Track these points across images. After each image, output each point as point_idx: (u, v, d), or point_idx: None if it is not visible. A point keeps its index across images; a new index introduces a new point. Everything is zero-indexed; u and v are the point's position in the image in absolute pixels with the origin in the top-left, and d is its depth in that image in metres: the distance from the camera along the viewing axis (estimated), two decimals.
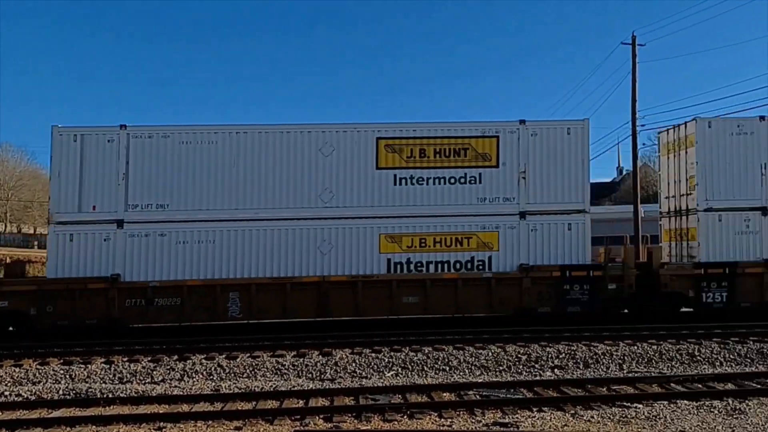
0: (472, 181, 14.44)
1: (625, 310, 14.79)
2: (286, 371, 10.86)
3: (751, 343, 12.04)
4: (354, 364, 11.07)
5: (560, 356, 11.42)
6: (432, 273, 14.21)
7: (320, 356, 11.54)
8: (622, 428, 7.35)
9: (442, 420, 8.00)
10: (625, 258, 14.65)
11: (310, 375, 10.73)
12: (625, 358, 11.28)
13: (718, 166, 14.96)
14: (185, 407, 8.70)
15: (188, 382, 10.44)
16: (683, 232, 15.74)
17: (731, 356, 11.31)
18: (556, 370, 10.94)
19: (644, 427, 7.30)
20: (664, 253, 16.54)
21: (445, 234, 14.34)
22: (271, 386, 9.90)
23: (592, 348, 11.81)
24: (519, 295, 14.12)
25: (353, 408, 8.52)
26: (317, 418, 8.12)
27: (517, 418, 7.93)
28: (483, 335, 13.05)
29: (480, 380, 10.16)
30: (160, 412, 8.45)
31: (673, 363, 11.06)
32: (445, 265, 14.27)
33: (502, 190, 14.48)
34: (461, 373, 10.78)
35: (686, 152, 15.55)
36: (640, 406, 8.34)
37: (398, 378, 10.59)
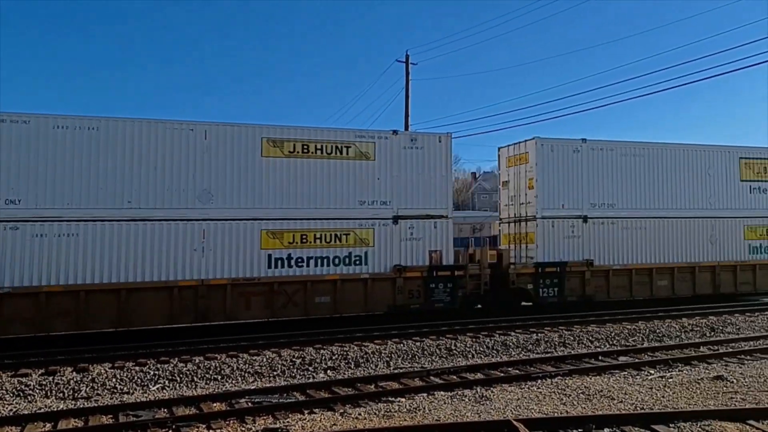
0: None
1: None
2: (31, 392, 9.56)
3: (497, 336, 13.57)
4: (114, 380, 10.14)
5: (333, 357, 11.72)
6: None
7: (74, 373, 10.40)
8: (386, 422, 7.72)
9: (211, 431, 7.70)
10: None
11: (61, 395, 9.58)
12: (392, 355, 11.95)
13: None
14: None
15: None
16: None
17: (481, 349, 12.60)
18: (329, 371, 11.20)
19: (405, 420, 7.76)
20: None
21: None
22: (11, 410, 8.65)
23: (363, 348, 12.33)
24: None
25: (111, 427, 7.79)
26: None
27: (288, 422, 7.92)
28: (258, 341, 12.91)
29: (253, 387, 9.98)
30: None
31: (434, 357, 12.00)
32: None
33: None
34: (234, 382, 10.49)
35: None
36: (403, 399, 8.89)
37: (165, 391, 9.96)
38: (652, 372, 10.46)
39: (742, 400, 8.36)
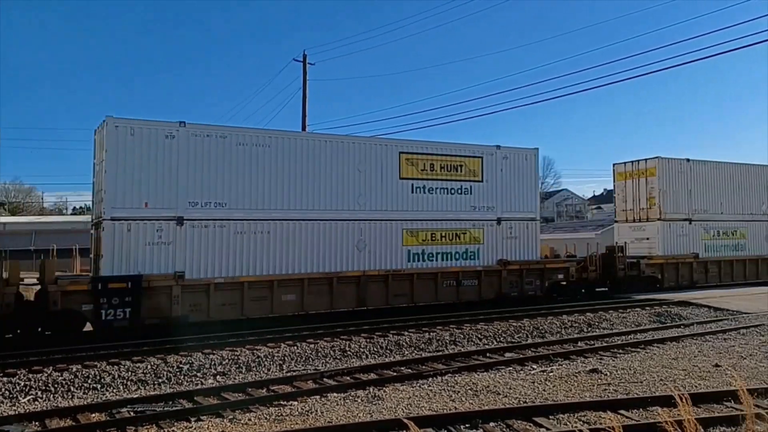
0: None
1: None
2: None
3: (391, 335, 13.74)
4: None
5: (223, 362, 11.38)
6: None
7: None
8: (277, 426, 7.59)
9: None
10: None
11: None
12: (286, 358, 11.78)
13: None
14: None
15: None
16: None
17: (375, 349, 12.70)
18: (218, 376, 10.85)
19: (297, 423, 7.66)
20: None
21: None
22: None
23: (255, 351, 12.06)
24: None
25: None
26: None
27: (173, 430, 7.60)
28: (143, 347, 12.29)
29: (137, 395, 9.48)
30: None
31: (327, 359, 11.95)
32: None
33: None
34: (115, 390, 9.91)
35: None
36: (295, 402, 8.78)
37: (37, 403, 9.23)
38: (535, 367, 11.00)
39: (614, 391, 8.96)
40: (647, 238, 23.12)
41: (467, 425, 7.38)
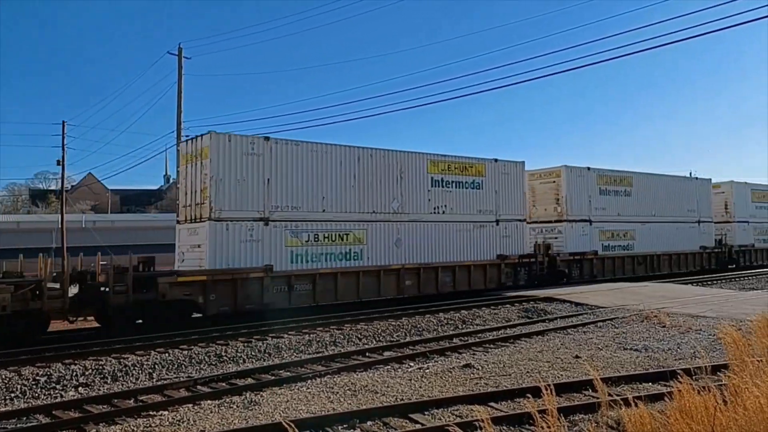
0: None
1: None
2: None
3: (270, 339, 13.49)
4: None
5: (86, 373, 10.61)
6: None
7: None
8: None
9: None
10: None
11: None
12: (156, 366, 11.19)
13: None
14: None
15: None
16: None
17: (253, 353, 12.40)
18: (80, 388, 10.10)
19: None
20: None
21: None
22: None
23: (122, 360, 11.36)
24: None
25: None
26: None
27: None
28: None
29: None
30: None
31: (202, 365, 11.50)
32: None
33: None
34: None
35: (555, 183, 22.89)
36: (166, 412, 8.36)
37: None
38: (412, 364, 11.24)
39: (485, 385, 9.35)
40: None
41: (345, 425, 7.39)
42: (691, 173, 35.40)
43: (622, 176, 28.41)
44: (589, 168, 26.93)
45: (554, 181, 26.22)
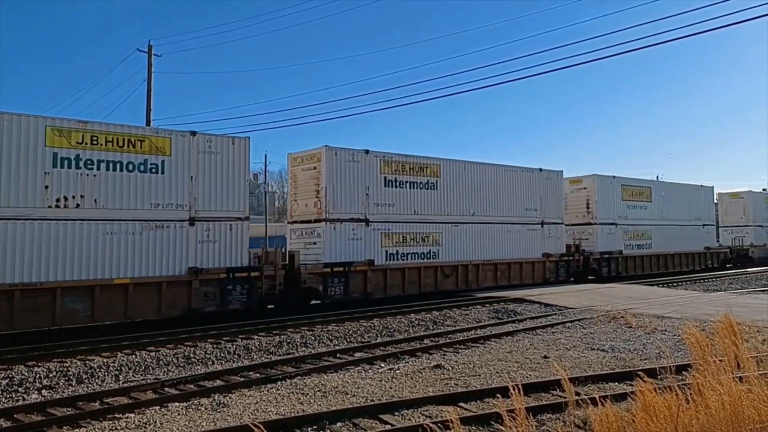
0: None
1: (271, 306, 17.24)
2: None
3: (240, 340, 13.36)
4: None
5: (50, 375, 10.38)
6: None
7: None
8: None
9: None
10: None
11: None
12: (123, 368, 11.00)
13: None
14: None
15: None
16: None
17: (222, 354, 12.27)
18: (44, 391, 9.87)
19: None
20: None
21: None
22: None
23: (87, 362, 11.14)
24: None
25: None
26: None
27: None
28: None
29: None
30: None
31: (170, 367, 11.33)
32: None
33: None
34: None
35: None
36: (132, 415, 8.23)
37: None
38: (383, 365, 11.25)
39: (455, 385, 9.40)
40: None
41: (314, 427, 7.35)
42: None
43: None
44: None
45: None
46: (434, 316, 16.93)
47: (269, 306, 17.26)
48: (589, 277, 27.57)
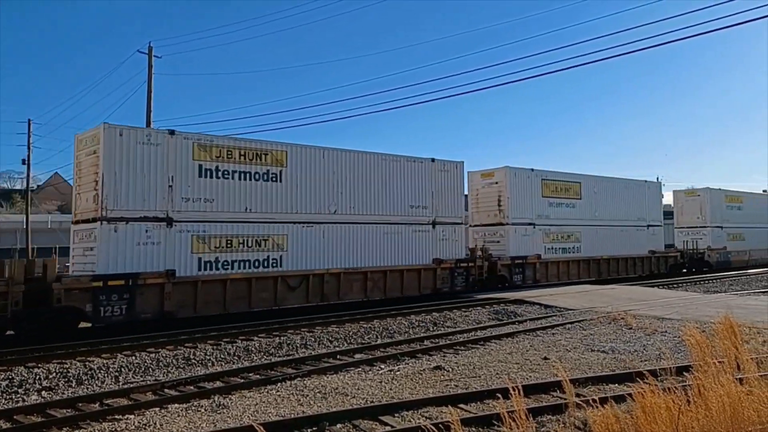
0: None
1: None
2: None
3: (240, 341, 13.35)
4: None
5: (50, 376, 10.37)
6: None
7: None
8: None
9: None
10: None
11: None
12: (123, 369, 10.99)
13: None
14: None
15: None
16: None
17: (222, 356, 12.25)
18: (44, 392, 9.86)
19: None
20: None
21: None
22: None
23: (87, 363, 11.13)
24: None
25: None
26: None
27: None
28: None
29: None
30: None
31: (170, 369, 11.31)
32: None
33: None
34: None
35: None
36: (132, 416, 8.22)
37: None
38: (383, 367, 11.23)
39: (455, 386, 9.40)
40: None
41: (314, 428, 7.35)
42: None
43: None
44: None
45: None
46: (434, 317, 16.92)
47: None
48: (498, 285, 23.77)
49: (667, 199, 39.93)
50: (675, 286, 26.77)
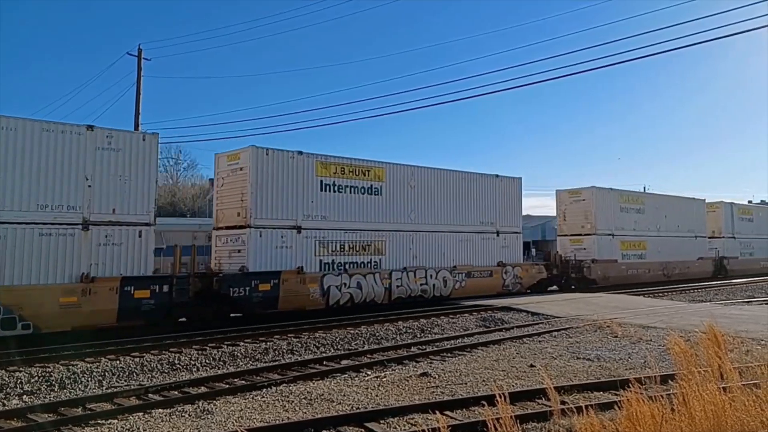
0: None
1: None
2: None
3: (225, 347, 13.27)
4: None
5: (32, 380, 10.25)
6: None
7: None
8: None
9: None
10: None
11: None
12: (107, 374, 10.89)
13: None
14: None
15: None
16: None
17: (207, 361, 12.16)
18: (25, 396, 9.74)
19: None
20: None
21: None
22: None
23: (70, 367, 11.01)
24: None
25: None
26: None
27: None
28: None
29: None
30: None
31: (154, 373, 11.22)
32: None
33: None
34: None
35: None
36: (115, 421, 8.13)
37: None
38: (369, 373, 11.20)
39: (441, 393, 9.39)
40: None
41: None
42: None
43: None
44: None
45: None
46: (422, 324, 16.91)
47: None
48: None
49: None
50: (660, 295, 26.97)
